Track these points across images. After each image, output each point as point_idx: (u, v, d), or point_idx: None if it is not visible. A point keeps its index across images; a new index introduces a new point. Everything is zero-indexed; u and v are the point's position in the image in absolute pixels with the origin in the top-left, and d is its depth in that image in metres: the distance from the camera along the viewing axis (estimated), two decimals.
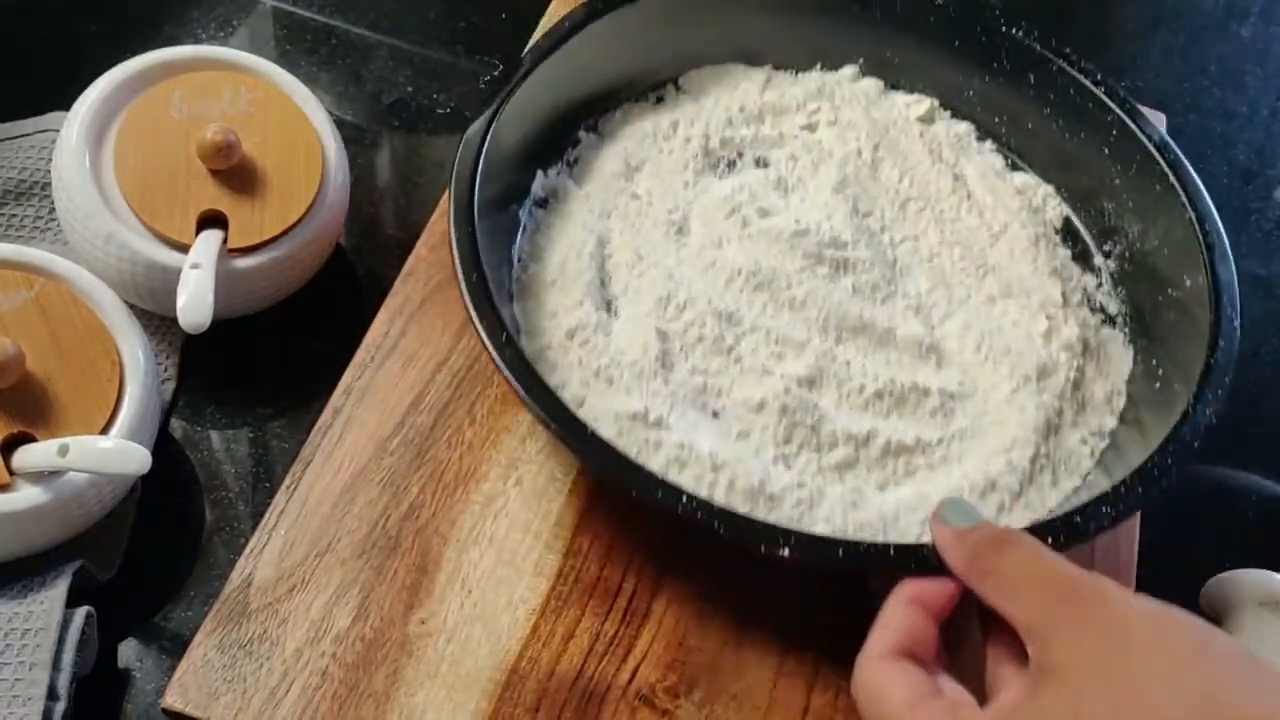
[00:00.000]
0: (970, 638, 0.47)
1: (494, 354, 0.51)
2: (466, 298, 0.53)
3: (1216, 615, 0.59)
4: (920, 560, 0.47)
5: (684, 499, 0.49)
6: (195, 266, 0.56)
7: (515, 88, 0.60)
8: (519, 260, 0.60)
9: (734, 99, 0.69)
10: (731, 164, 0.67)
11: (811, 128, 0.69)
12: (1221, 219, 0.78)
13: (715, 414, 0.56)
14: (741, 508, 0.52)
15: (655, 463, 0.53)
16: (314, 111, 0.62)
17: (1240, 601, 0.58)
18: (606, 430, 0.54)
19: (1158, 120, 0.77)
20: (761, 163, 0.67)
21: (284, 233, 0.59)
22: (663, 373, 0.57)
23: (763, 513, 0.53)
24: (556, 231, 0.62)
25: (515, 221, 0.61)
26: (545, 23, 0.74)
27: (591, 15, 0.64)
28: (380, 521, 0.55)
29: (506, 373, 0.51)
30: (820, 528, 0.53)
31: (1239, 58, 0.88)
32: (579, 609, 0.53)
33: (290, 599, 0.52)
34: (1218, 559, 0.62)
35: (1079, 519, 0.50)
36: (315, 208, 0.60)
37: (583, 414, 0.54)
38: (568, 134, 0.66)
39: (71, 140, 0.58)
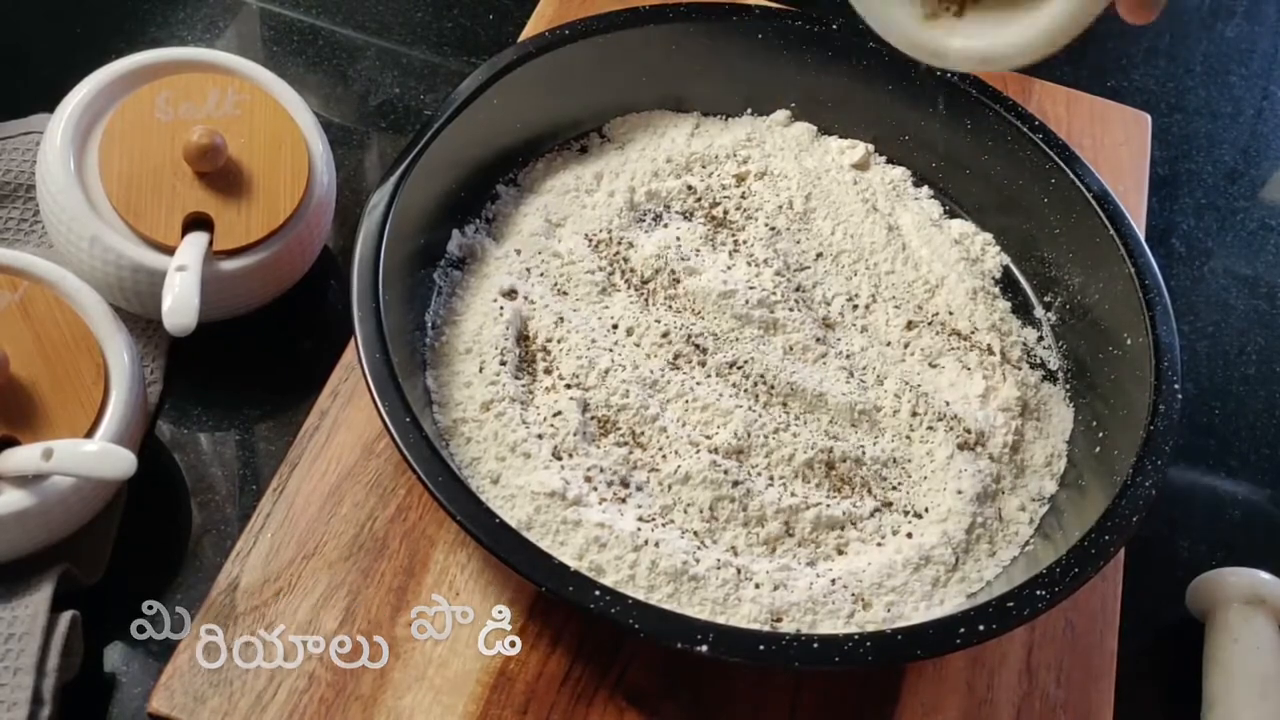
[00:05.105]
0: None
1: (397, 439, 0.49)
2: (368, 377, 0.50)
3: (1202, 613, 0.59)
4: (844, 653, 0.46)
5: (596, 593, 0.46)
6: (181, 269, 0.55)
7: (427, 144, 0.58)
8: (433, 326, 0.58)
9: (660, 148, 0.66)
10: (658, 217, 0.64)
11: (741, 178, 0.67)
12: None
13: (639, 488, 0.54)
14: (664, 589, 0.51)
15: (574, 544, 0.51)
16: (300, 113, 0.62)
17: (1225, 599, 0.58)
18: (523, 509, 0.52)
19: (1143, 121, 0.77)
20: (689, 216, 0.65)
21: (270, 235, 0.59)
22: (583, 445, 0.54)
23: (686, 595, 0.51)
24: (473, 294, 0.59)
25: (430, 284, 0.59)
26: (533, 24, 0.74)
27: (513, 63, 0.61)
28: (367, 524, 0.54)
29: (409, 458, 0.48)
30: (747, 609, 0.51)
31: (1224, 57, 0.88)
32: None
33: (277, 602, 0.52)
34: (1203, 557, 0.62)
35: (1012, 605, 0.48)
36: (302, 210, 0.60)
37: (499, 492, 0.53)
38: (486, 188, 0.63)
39: (56, 142, 0.58)
